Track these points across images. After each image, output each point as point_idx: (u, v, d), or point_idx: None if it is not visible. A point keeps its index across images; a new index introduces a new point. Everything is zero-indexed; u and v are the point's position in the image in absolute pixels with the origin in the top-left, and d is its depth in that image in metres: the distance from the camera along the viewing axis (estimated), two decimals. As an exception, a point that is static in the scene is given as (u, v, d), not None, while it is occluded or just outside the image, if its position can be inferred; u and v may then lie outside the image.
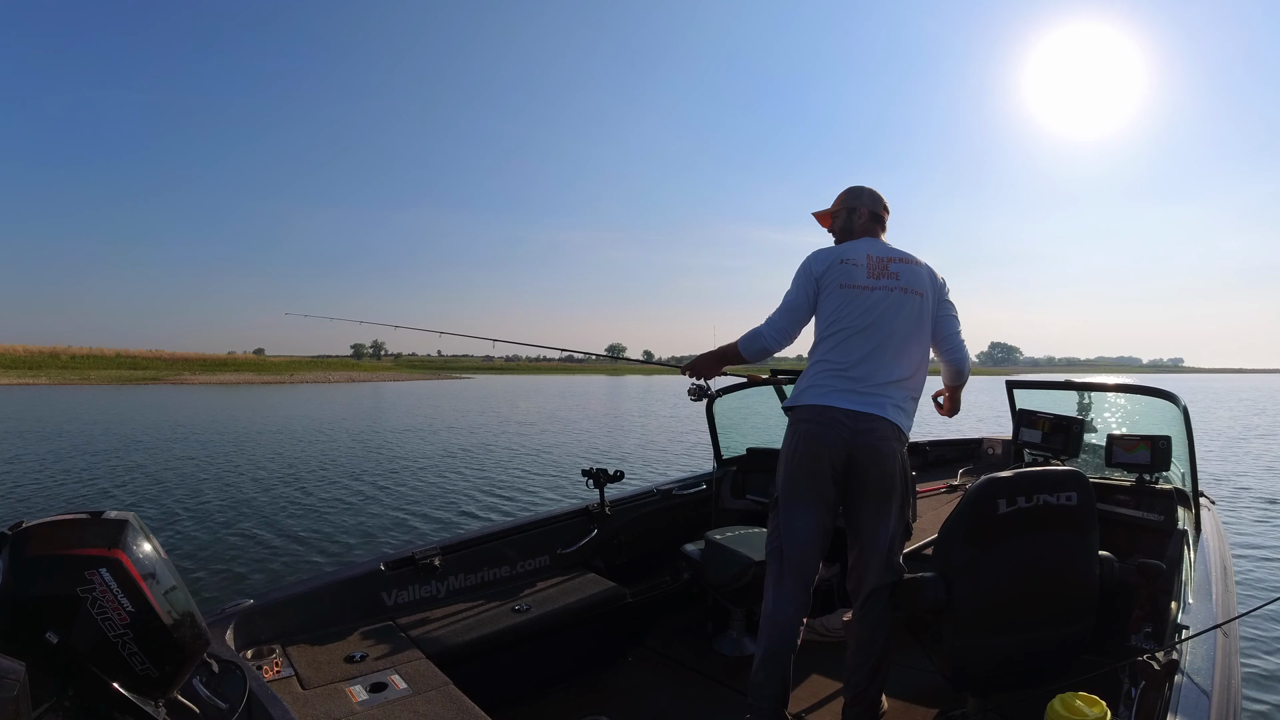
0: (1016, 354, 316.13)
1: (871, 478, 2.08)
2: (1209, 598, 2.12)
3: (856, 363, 2.12)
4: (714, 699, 2.55)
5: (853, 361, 2.12)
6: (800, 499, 2.12)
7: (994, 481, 1.91)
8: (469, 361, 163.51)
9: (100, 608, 1.28)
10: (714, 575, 2.84)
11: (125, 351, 75.39)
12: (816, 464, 2.09)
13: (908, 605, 2.03)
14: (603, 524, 3.17)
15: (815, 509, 2.11)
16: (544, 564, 3.00)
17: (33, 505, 8.49)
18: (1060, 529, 1.93)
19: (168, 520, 7.66)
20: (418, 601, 2.62)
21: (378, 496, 9.15)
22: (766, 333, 2.25)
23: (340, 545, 6.82)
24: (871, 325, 2.13)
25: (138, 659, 1.32)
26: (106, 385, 49.23)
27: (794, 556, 2.12)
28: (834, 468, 2.08)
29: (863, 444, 2.07)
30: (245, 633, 2.15)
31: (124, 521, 1.39)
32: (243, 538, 6.98)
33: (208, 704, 1.55)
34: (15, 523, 1.33)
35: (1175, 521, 2.72)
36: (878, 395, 2.09)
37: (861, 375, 2.11)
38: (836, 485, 2.11)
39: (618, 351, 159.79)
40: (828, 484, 2.09)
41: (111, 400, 31.90)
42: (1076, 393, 3.75)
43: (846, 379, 2.11)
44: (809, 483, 2.11)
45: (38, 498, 8.93)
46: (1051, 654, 1.97)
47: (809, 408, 2.14)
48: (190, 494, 9.13)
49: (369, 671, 2.07)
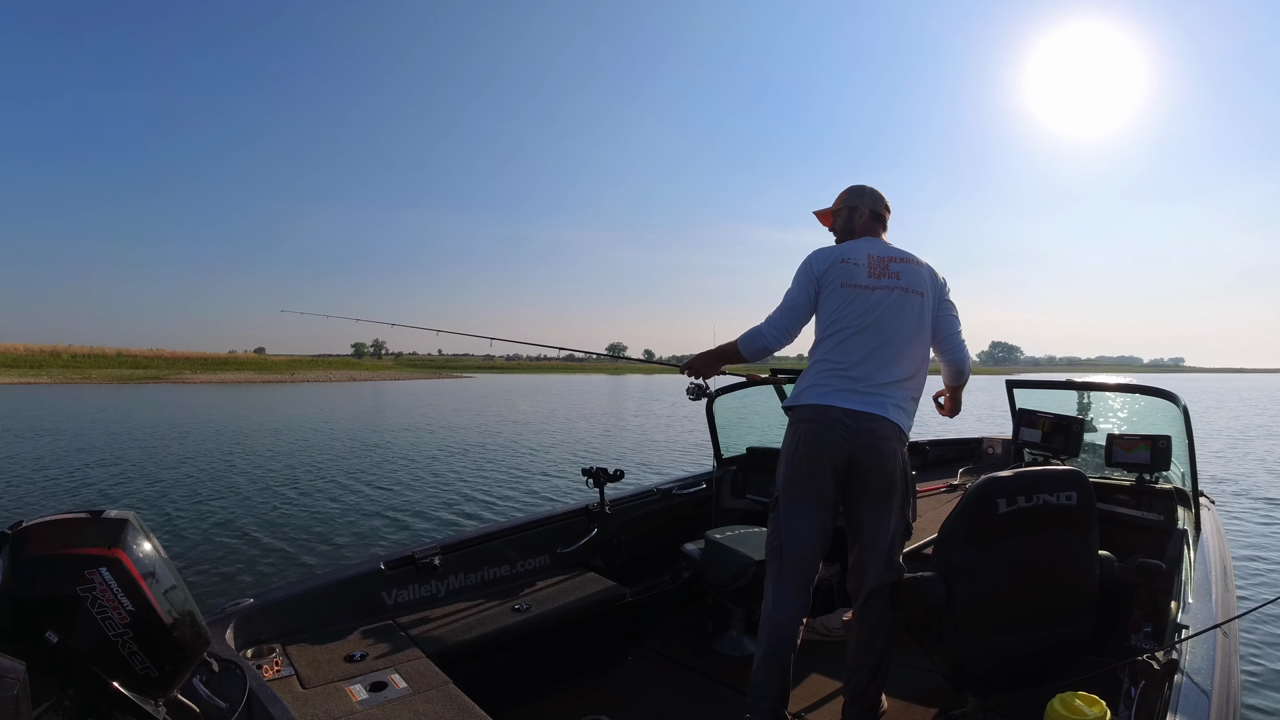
0: (1017, 353, 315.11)
1: (872, 478, 2.08)
2: (1209, 597, 2.12)
3: (857, 362, 2.11)
4: (714, 699, 2.55)
5: (854, 361, 2.11)
6: (801, 498, 2.12)
7: (994, 481, 1.91)
8: (469, 360, 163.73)
9: (100, 607, 1.28)
10: (714, 575, 2.84)
11: (126, 350, 75.80)
12: (817, 463, 2.09)
13: (908, 605, 2.03)
14: (603, 523, 3.17)
15: (816, 508, 2.11)
16: (544, 563, 3.00)
17: (32, 504, 8.49)
18: (1060, 529, 1.93)
19: (168, 520, 7.66)
20: (418, 601, 2.62)
21: (377, 496, 9.15)
22: (767, 332, 2.24)
23: (340, 545, 6.83)
24: (872, 325, 2.13)
25: (138, 658, 1.32)
26: (108, 384, 49.36)
27: (794, 556, 2.12)
28: (835, 467, 2.08)
29: (863, 444, 2.06)
30: (245, 632, 2.15)
31: (124, 521, 1.39)
32: (242, 537, 6.98)
33: (208, 703, 1.55)
34: (15, 522, 1.33)
35: (1175, 521, 2.72)
36: (879, 395, 2.09)
37: (862, 375, 2.10)
38: (837, 485, 2.10)
39: (618, 351, 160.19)
40: (828, 484, 2.09)
41: (113, 399, 31.93)
42: (1076, 392, 3.75)
43: (847, 379, 2.11)
44: (810, 482, 2.10)
45: (36, 497, 8.93)
46: (1051, 654, 1.97)
47: (810, 407, 2.13)
48: (190, 493, 9.14)
49: (369, 671, 2.07)
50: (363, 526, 7.53)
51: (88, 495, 9.15)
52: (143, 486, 9.66)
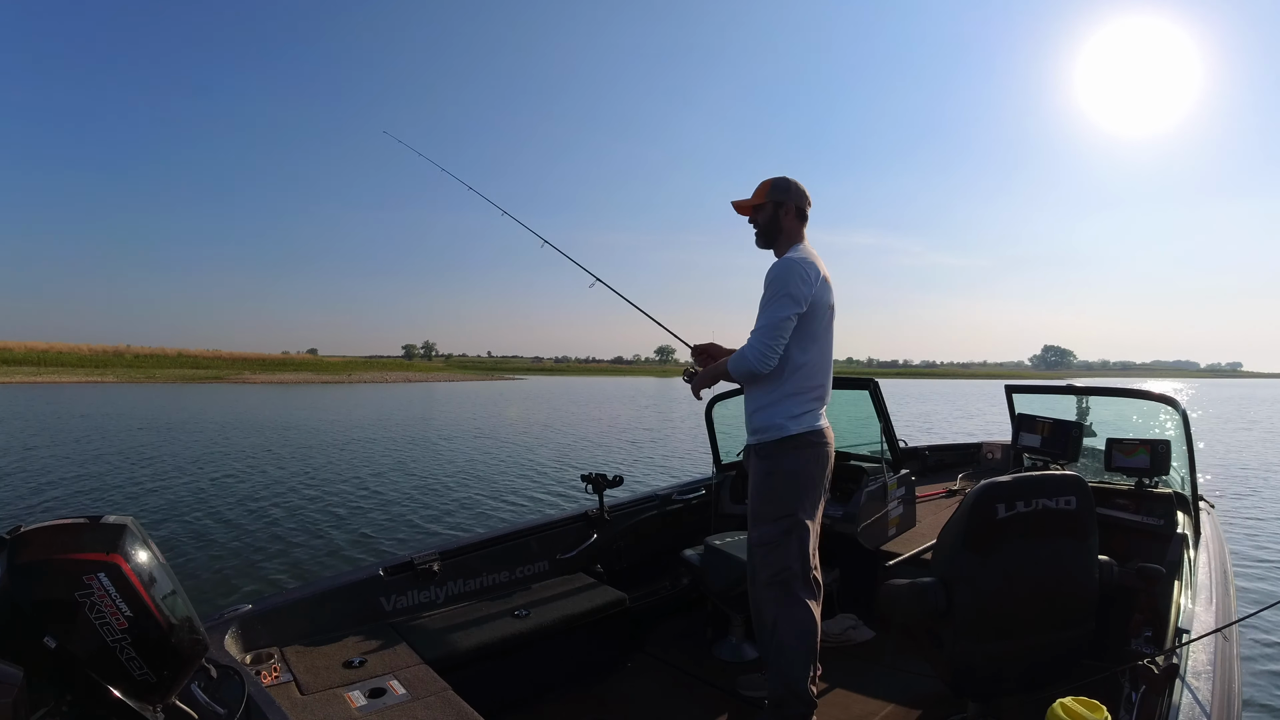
0: (1070, 357, 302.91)
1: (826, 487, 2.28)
2: (1209, 602, 2.12)
3: (824, 383, 2.26)
4: (713, 705, 2.54)
5: (823, 382, 2.26)
6: (815, 517, 2.23)
7: (993, 486, 1.91)
8: (518, 363, 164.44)
9: (98, 613, 1.27)
10: (713, 581, 2.84)
11: (186, 351, 79.29)
12: (823, 484, 2.25)
13: (908, 611, 2.02)
14: (602, 529, 3.17)
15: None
16: (543, 569, 3.00)
17: (28, 508, 8.47)
18: (1060, 534, 1.93)
19: (166, 524, 7.64)
20: (417, 607, 2.61)
21: (379, 500, 9.13)
22: (753, 359, 2.16)
23: (339, 550, 6.81)
24: (828, 348, 2.26)
25: (136, 664, 1.32)
26: (171, 384, 51.41)
27: (809, 566, 2.23)
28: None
29: (831, 459, 2.28)
30: (244, 638, 2.14)
31: (122, 526, 1.39)
32: (241, 543, 6.96)
33: (206, 709, 1.55)
34: (13, 527, 1.32)
35: (1175, 525, 2.72)
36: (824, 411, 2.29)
37: (824, 394, 2.27)
38: None
39: (666, 354, 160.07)
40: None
41: (181, 398, 33.81)
42: (1075, 397, 3.76)
43: (822, 400, 2.26)
44: (819, 502, 2.24)
45: (36, 501, 8.90)
46: (1052, 658, 1.97)
47: (817, 431, 2.22)
48: (189, 497, 9.11)
49: (368, 677, 2.06)
50: (362, 532, 7.51)
51: (88, 500, 9.12)
52: (142, 490, 9.63)
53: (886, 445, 3.40)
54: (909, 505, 3.42)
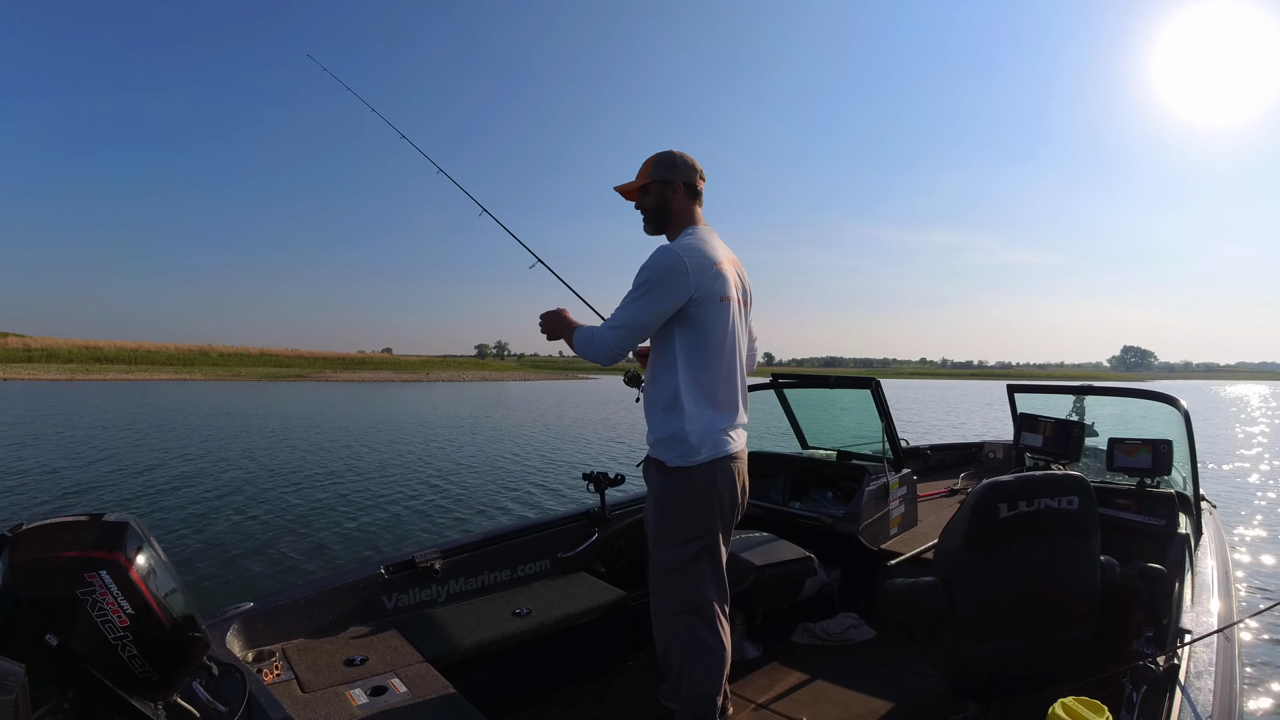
0: (1151, 358, 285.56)
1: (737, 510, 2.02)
2: (1210, 602, 2.12)
3: (725, 396, 1.96)
4: None
5: (723, 396, 1.96)
6: (725, 541, 2.03)
7: (995, 486, 1.90)
8: (589, 363, 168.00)
9: (100, 610, 1.28)
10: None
11: (268, 350, 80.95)
12: (732, 509, 2.01)
13: (909, 610, 2.02)
14: (604, 528, 3.17)
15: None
16: (545, 568, 3.00)
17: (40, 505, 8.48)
18: (1061, 533, 1.93)
19: (168, 521, 7.65)
20: (418, 605, 2.61)
21: (382, 500, 9.13)
22: (600, 355, 1.94)
23: (341, 548, 6.81)
24: (731, 346, 1.97)
25: (137, 662, 1.32)
26: (257, 381, 52.34)
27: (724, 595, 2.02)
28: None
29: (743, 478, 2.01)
30: (245, 636, 2.14)
31: (124, 524, 1.39)
32: (243, 541, 6.96)
33: (207, 707, 1.55)
34: (15, 525, 1.33)
35: (1176, 526, 2.72)
36: (741, 428, 2.01)
37: (731, 404, 1.98)
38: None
39: None
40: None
41: (271, 395, 35.09)
42: (1077, 397, 3.75)
43: (725, 415, 1.96)
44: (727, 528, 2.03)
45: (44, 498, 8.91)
46: (1053, 658, 1.97)
47: (728, 448, 1.96)
48: (192, 495, 9.12)
49: (369, 675, 2.06)
50: (364, 530, 7.51)
51: (92, 498, 9.14)
52: (144, 487, 9.65)
53: (888, 444, 3.40)
54: (911, 504, 3.41)
